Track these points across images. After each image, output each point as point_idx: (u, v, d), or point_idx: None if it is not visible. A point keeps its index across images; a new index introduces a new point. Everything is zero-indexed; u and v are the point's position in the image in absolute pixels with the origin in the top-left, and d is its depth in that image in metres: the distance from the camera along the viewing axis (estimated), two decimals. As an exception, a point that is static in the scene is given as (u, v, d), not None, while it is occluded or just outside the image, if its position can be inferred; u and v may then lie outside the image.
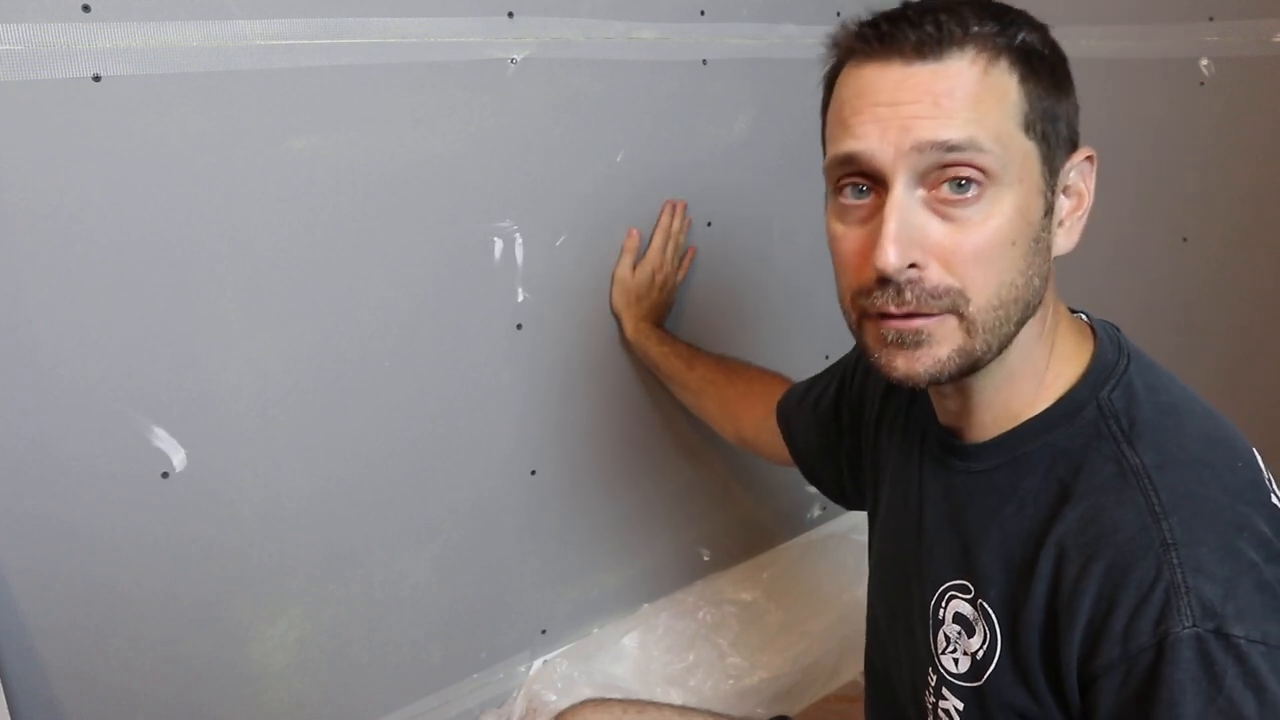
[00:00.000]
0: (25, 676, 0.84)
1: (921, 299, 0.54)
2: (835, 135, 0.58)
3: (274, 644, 0.99)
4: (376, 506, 1.02)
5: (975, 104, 0.53)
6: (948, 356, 0.55)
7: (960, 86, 0.53)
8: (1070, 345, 0.61)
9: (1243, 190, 1.28)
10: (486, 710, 1.18)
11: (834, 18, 1.27)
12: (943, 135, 0.52)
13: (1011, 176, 0.53)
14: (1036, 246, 0.56)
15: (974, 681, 0.60)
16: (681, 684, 1.23)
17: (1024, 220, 0.54)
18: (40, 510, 0.82)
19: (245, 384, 0.90)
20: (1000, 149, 0.53)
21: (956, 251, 0.53)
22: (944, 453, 0.66)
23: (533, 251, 1.06)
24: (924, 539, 0.67)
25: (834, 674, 1.35)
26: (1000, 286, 0.54)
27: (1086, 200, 0.59)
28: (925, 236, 0.54)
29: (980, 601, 0.60)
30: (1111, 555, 0.52)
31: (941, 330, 0.55)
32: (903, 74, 0.54)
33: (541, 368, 1.11)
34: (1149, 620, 0.49)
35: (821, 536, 1.52)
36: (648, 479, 1.27)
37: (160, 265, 0.82)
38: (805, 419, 0.93)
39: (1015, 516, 0.59)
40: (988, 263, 0.54)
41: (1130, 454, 0.55)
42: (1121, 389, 0.58)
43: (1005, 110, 0.53)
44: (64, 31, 0.74)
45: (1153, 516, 0.51)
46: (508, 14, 0.97)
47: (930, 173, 0.53)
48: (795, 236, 1.34)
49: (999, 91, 0.53)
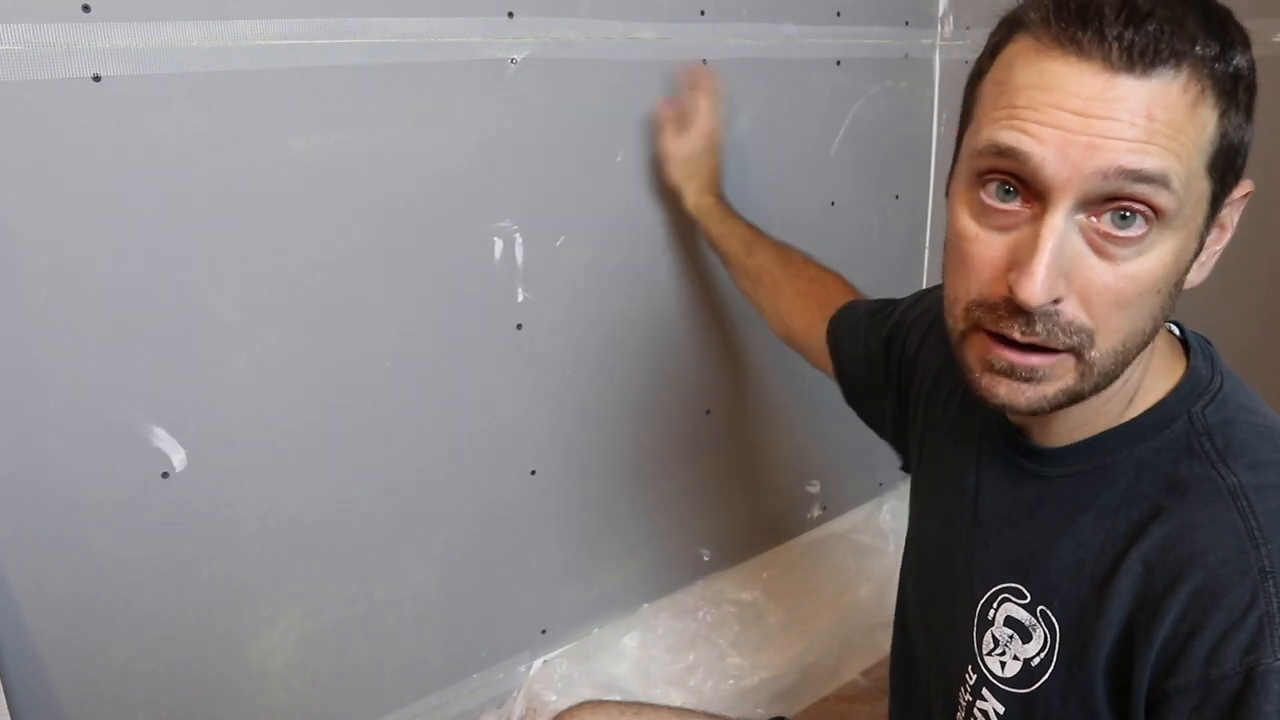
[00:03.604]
0: (25, 677, 0.84)
1: (1051, 333, 0.49)
2: (997, 119, 0.49)
3: (274, 644, 0.99)
4: (376, 506, 1.02)
5: (1175, 135, 0.46)
6: (1054, 394, 0.52)
7: (1164, 112, 0.45)
8: (1164, 360, 0.58)
9: (1243, 190, 1.28)
10: (486, 710, 1.18)
11: (834, 18, 1.28)
12: (1136, 164, 0.45)
13: (1181, 220, 0.48)
14: (1176, 290, 0.51)
15: (1023, 688, 0.59)
16: (681, 684, 1.23)
17: (1177, 266, 0.50)
18: (40, 510, 0.82)
19: (245, 384, 0.90)
20: (1183, 190, 0.47)
21: (1103, 291, 0.48)
22: (1011, 450, 0.63)
23: (533, 251, 1.06)
24: (979, 534, 0.65)
25: (834, 674, 1.35)
26: (1131, 334, 0.50)
27: (1228, 234, 0.54)
28: (1075, 267, 0.48)
29: (1041, 608, 0.58)
30: (1203, 576, 0.50)
31: (1057, 370, 0.51)
32: (1102, 82, 0.45)
33: (541, 368, 1.11)
34: (1237, 648, 0.48)
35: (821, 536, 1.52)
36: (648, 479, 1.27)
37: (160, 265, 0.82)
38: (854, 349, 0.89)
39: (1092, 528, 0.56)
40: (1129, 309, 0.49)
41: (1226, 473, 0.52)
42: (1215, 406, 0.56)
43: (1200, 146, 0.47)
44: (64, 31, 0.74)
45: (1251, 541, 0.49)
46: (508, 14, 0.97)
47: (1099, 200, 0.47)
48: (796, 237, 1.34)
49: (1200, 125, 0.47)
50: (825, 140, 1.33)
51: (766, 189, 1.27)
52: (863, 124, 1.35)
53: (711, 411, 1.32)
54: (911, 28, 1.38)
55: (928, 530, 0.74)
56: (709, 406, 1.31)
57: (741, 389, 1.35)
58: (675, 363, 1.24)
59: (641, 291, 1.18)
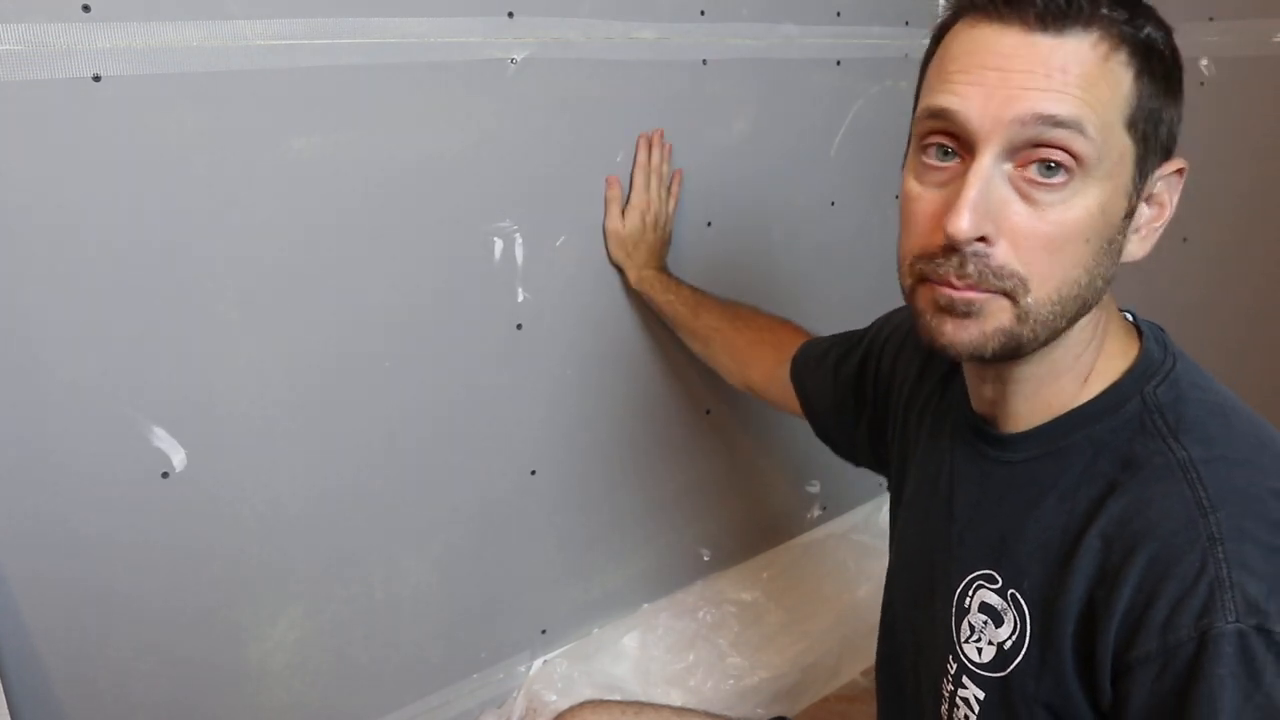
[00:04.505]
0: (25, 677, 0.84)
1: (983, 275, 0.53)
2: (933, 87, 0.55)
3: (274, 644, 0.99)
4: (377, 506, 1.02)
5: (1089, 86, 0.51)
6: (993, 332, 0.55)
7: (1077, 65, 0.51)
8: (1117, 343, 0.61)
9: (1242, 190, 1.28)
10: (486, 710, 1.18)
11: (834, 18, 1.28)
12: (1051, 109, 0.50)
13: (1103, 171, 0.52)
14: (1109, 248, 0.54)
15: (998, 671, 0.60)
16: (681, 684, 1.23)
17: (1104, 218, 0.53)
18: (40, 510, 0.82)
19: (245, 384, 0.90)
20: (1100, 139, 0.51)
21: (1030, 235, 0.52)
22: (978, 440, 0.66)
23: (533, 251, 1.06)
24: (954, 526, 0.67)
25: (834, 674, 1.35)
26: (1063, 282, 0.53)
27: (1167, 212, 0.57)
28: (1002, 212, 0.52)
29: (1011, 592, 0.60)
30: (1155, 547, 0.51)
31: (992, 306, 0.54)
32: (1020, 41, 0.51)
33: (541, 368, 1.11)
34: (1190, 614, 0.49)
35: (821, 536, 1.52)
36: (648, 479, 1.27)
37: (160, 265, 0.82)
38: (823, 381, 0.92)
39: (1055, 509, 0.58)
40: (1058, 254, 0.53)
41: (1177, 447, 0.54)
42: (1168, 385, 0.58)
43: (1115, 101, 0.52)
44: (64, 31, 0.74)
45: (1199, 510, 0.51)
46: (508, 14, 0.97)
47: (1023, 149, 0.51)
48: (796, 237, 1.34)
49: (1114, 80, 0.52)
50: (825, 140, 1.33)
51: (766, 189, 1.27)
52: (862, 124, 1.36)
53: (711, 411, 1.32)
54: (911, 28, 1.38)
55: (908, 531, 0.75)
56: (709, 406, 1.31)
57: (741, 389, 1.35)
58: (675, 363, 1.25)
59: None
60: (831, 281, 1.40)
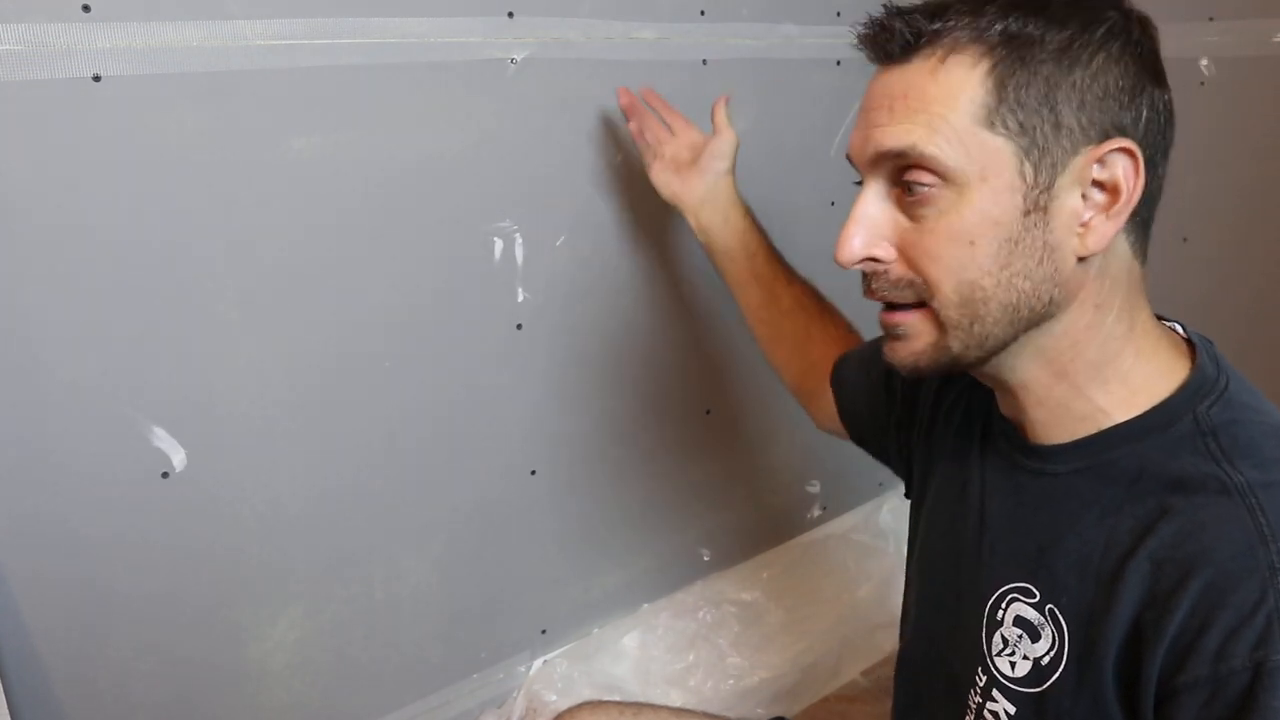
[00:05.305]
0: (25, 676, 0.84)
1: (885, 289, 0.57)
2: None
3: (274, 644, 0.99)
4: (377, 506, 1.02)
5: (924, 107, 0.53)
6: (921, 349, 0.58)
7: (914, 88, 0.53)
8: (1163, 358, 0.59)
9: (1242, 190, 1.28)
10: (486, 710, 1.18)
11: (834, 18, 1.28)
12: (887, 144, 0.54)
13: (971, 176, 0.53)
14: (1015, 247, 0.54)
15: (1033, 687, 0.59)
16: (681, 684, 1.23)
17: (987, 220, 0.53)
18: (40, 510, 0.82)
19: (245, 384, 0.90)
20: (953, 149, 0.52)
21: (915, 246, 0.55)
22: (1012, 450, 0.64)
23: (533, 251, 1.06)
24: (986, 536, 0.65)
25: (834, 674, 1.35)
26: (960, 285, 0.55)
27: (1123, 197, 0.53)
28: (895, 231, 0.56)
29: (1049, 607, 0.59)
30: (1211, 573, 0.50)
31: (916, 325, 0.57)
32: (882, 79, 0.55)
33: (541, 368, 1.11)
34: (1246, 644, 0.48)
35: (821, 536, 1.52)
36: (648, 479, 1.27)
37: (160, 265, 0.82)
38: (857, 382, 0.90)
39: (1096, 525, 0.57)
40: (941, 261, 0.55)
41: (1233, 471, 0.53)
42: (1221, 405, 0.56)
43: (960, 108, 0.52)
44: (64, 31, 0.74)
45: (1259, 538, 0.50)
46: (508, 14, 0.97)
47: (892, 176, 0.55)
48: (796, 237, 1.34)
49: (950, 88, 0.52)
50: (825, 140, 1.33)
51: (766, 189, 1.27)
52: (863, 124, 1.36)
53: (711, 411, 1.32)
54: (911, 28, 1.38)
55: (933, 537, 0.74)
56: (709, 406, 1.31)
57: (741, 389, 1.35)
58: (675, 363, 1.25)
59: (641, 291, 1.18)
60: (831, 282, 1.39)
